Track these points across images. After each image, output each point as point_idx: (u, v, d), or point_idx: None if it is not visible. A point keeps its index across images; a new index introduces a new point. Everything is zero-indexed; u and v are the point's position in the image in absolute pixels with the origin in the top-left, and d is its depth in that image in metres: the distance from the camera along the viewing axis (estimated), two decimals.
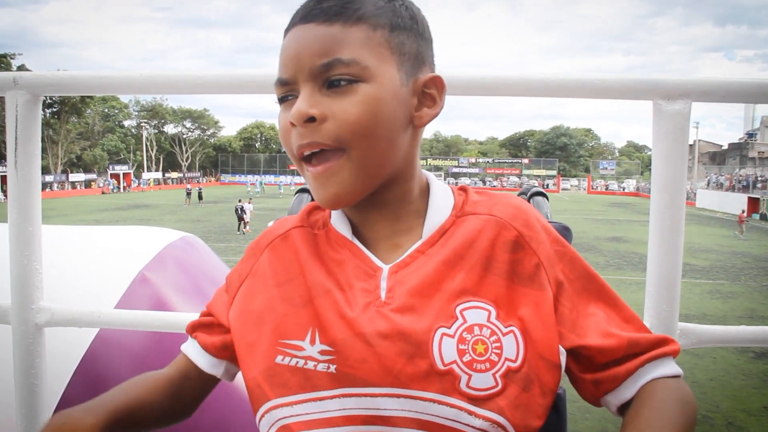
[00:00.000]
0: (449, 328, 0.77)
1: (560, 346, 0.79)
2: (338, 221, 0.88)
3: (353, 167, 0.77)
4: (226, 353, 0.91)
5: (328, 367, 0.76)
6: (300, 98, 0.77)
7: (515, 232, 0.83)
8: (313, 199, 1.13)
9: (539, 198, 1.18)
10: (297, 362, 0.78)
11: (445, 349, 0.75)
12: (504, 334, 0.77)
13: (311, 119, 0.75)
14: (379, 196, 0.83)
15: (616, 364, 0.79)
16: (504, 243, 0.82)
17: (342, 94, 0.76)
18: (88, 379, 1.84)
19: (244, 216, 23.28)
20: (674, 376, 0.79)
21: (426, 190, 0.89)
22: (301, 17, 0.79)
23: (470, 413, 0.74)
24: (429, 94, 0.84)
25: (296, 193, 1.21)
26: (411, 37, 0.82)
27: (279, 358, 0.80)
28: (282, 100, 0.82)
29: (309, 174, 0.80)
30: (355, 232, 0.87)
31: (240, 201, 24.12)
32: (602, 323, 0.80)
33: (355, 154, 0.77)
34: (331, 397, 0.77)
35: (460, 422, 0.74)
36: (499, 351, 0.76)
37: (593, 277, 0.84)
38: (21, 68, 54.81)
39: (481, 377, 0.75)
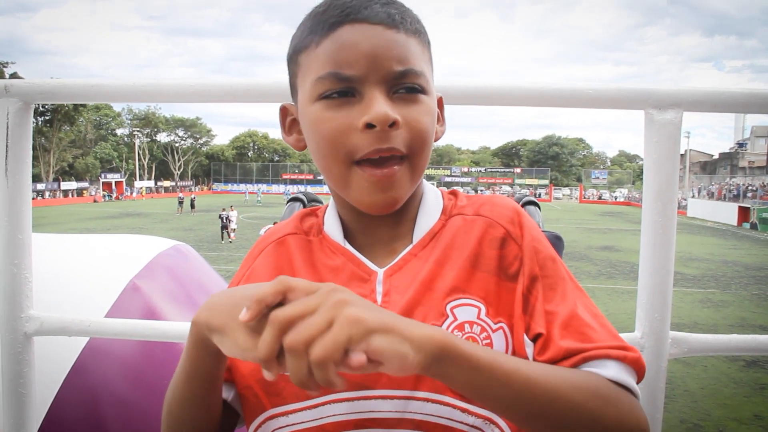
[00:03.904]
0: (440, 326, 0.77)
1: (525, 338, 0.79)
2: (332, 227, 0.88)
3: (411, 173, 0.80)
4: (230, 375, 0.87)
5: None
6: (378, 101, 0.74)
7: (503, 230, 0.84)
8: (305, 206, 1.13)
9: (531, 207, 1.19)
10: None
11: None
12: (494, 331, 0.78)
13: (392, 124, 0.75)
14: None
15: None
16: (492, 240, 0.83)
17: (410, 103, 0.77)
18: (78, 388, 1.82)
19: (229, 224, 23.17)
20: (615, 381, 0.72)
21: (421, 195, 0.90)
22: (368, 17, 0.76)
23: (463, 411, 0.76)
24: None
25: (288, 202, 1.21)
26: (431, 51, 0.85)
27: None
28: (328, 95, 0.77)
29: (365, 177, 0.77)
30: (350, 237, 0.87)
31: (224, 210, 23.92)
32: (553, 327, 0.77)
33: (415, 161, 0.79)
34: (324, 404, 0.77)
35: (454, 420, 0.75)
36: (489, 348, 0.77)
37: (562, 281, 0.82)
38: (13, 76, 54.62)
39: None
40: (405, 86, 0.76)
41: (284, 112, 0.90)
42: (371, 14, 0.76)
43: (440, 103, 0.90)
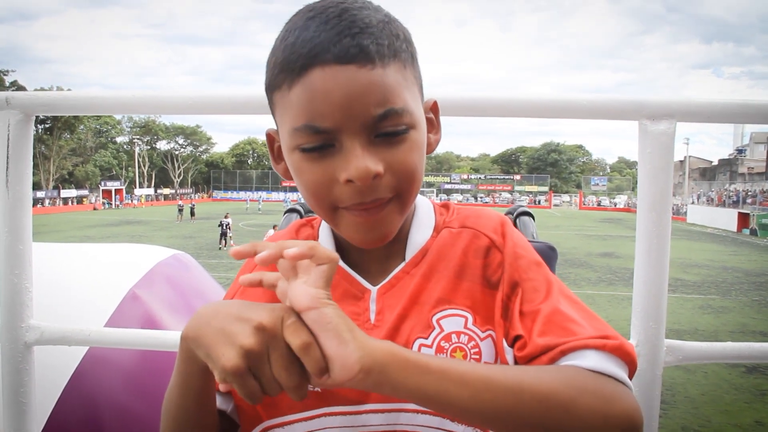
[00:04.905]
0: (426, 338, 0.78)
1: (504, 343, 0.79)
2: (326, 242, 0.88)
3: (400, 208, 0.78)
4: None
5: (314, 387, 0.77)
6: (358, 154, 0.71)
7: (487, 239, 0.85)
8: (301, 217, 1.14)
9: (525, 218, 1.20)
10: None
11: None
12: (482, 339, 0.79)
13: (374, 176, 0.71)
14: None
15: (533, 361, 0.74)
16: (476, 250, 0.84)
17: (394, 144, 0.73)
18: (78, 397, 1.83)
19: (228, 231, 23.28)
20: (595, 370, 0.70)
21: (413, 210, 0.90)
22: (338, 57, 0.69)
23: (453, 420, 0.76)
24: (429, 118, 0.85)
25: (285, 213, 1.22)
26: (417, 63, 0.81)
27: None
28: (305, 148, 0.73)
29: (352, 218, 0.76)
30: (343, 252, 0.88)
31: (226, 216, 24.07)
32: (534, 326, 0.76)
33: (404, 198, 0.77)
34: (317, 416, 0.78)
35: (444, 429, 0.77)
36: (477, 357, 0.78)
37: (547, 283, 0.81)
38: (13, 84, 54.80)
39: None
40: (386, 130, 0.72)
41: (271, 140, 0.87)
42: (341, 52, 0.69)
43: (435, 108, 0.85)
